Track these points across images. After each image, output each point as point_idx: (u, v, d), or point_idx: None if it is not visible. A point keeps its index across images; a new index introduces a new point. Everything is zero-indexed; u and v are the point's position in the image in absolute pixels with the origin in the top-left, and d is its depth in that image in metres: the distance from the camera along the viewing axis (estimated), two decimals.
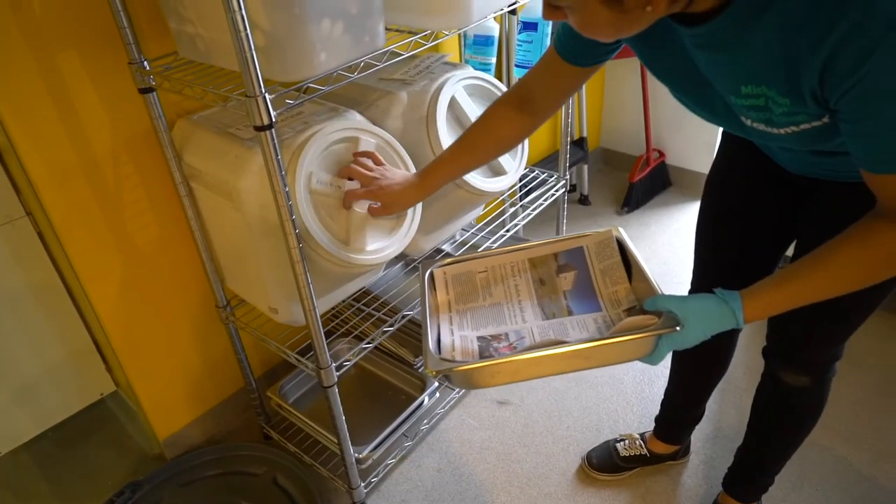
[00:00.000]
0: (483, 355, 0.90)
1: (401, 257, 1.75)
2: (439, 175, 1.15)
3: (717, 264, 1.20)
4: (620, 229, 1.03)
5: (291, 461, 1.52)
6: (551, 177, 1.89)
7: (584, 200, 2.70)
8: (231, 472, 1.54)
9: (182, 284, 1.48)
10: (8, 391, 1.42)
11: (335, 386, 1.27)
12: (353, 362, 1.33)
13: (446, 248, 1.81)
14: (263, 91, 0.91)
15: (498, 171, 1.45)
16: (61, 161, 1.18)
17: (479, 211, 1.72)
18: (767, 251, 1.15)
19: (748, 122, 0.81)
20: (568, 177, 1.88)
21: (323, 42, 1.00)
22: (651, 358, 0.84)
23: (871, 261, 0.74)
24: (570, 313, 0.97)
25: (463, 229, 1.81)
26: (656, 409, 1.53)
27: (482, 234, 1.75)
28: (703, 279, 1.24)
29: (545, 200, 1.83)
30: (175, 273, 1.45)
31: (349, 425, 1.35)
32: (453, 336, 0.95)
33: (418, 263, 1.04)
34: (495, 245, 1.67)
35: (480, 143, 1.13)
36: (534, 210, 1.80)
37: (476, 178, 1.36)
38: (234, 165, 1.12)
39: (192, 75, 1.13)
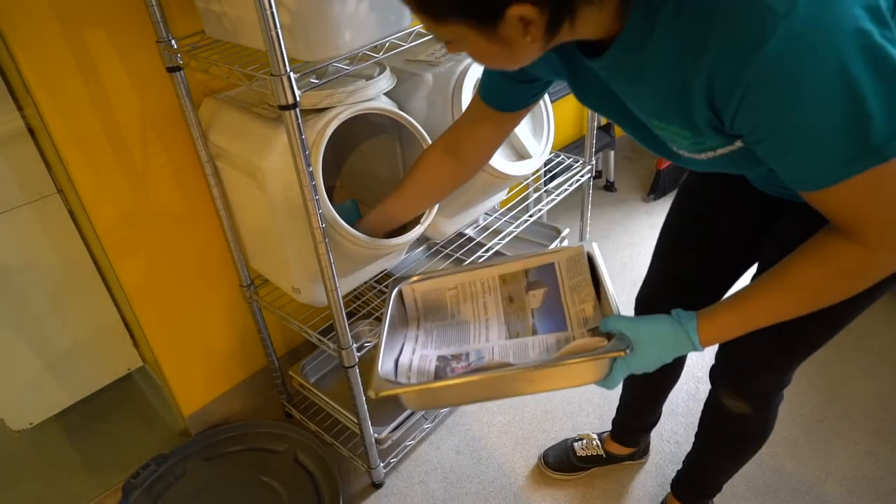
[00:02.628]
0: (438, 376, 0.87)
1: (423, 240, 1.75)
2: (375, 221, 1.15)
3: (672, 271, 1.15)
4: (594, 244, 0.97)
5: (312, 440, 1.54)
6: (577, 162, 1.86)
7: (609, 187, 2.66)
8: (253, 448, 1.57)
9: (207, 263, 1.49)
10: (39, 364, 1.46)
11: (356, 366, 1.28)
12: (373, 343, 1.33)
13: (469, 232, 1.80)
14: (288, 70, 0.91)
15: (522, 155, 1.44)
16: (90, 139, 1.20)
17: (503, 195, 1.71)
18: (727, 266, 1.10)
19: (675, 149, 0.76)
20: (594, 162, 1.86)
21: (348, 21, 0.99)
22: (606, 382, 0.80)
23: (825, 278, 0.70)
24: (534, 332, 0.92)
25: (486, 213, 1.80)
26: (675, 399, 1.51)
27: (505, 218, 1.74)
28: (653, 286, 1.19)
29: (570, 186, 1.81)
30: (200, 252, 1.47)
31: (369, 406, 1.36)
32: (413, 355, 0.91)
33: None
34: (519, 230, 1.66)
35: (410, 188, 1.10)
36: (558, 195, 1.78)
37: (500, 161, 1.35)
38: (259, 145, 1.13)
39: (218, 54, 1.13)
